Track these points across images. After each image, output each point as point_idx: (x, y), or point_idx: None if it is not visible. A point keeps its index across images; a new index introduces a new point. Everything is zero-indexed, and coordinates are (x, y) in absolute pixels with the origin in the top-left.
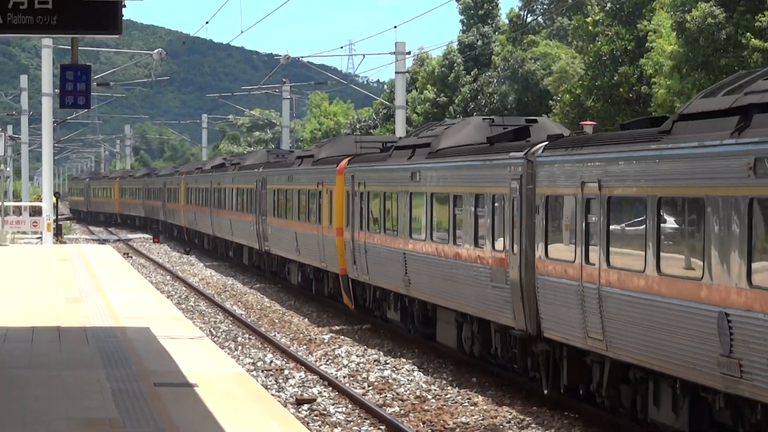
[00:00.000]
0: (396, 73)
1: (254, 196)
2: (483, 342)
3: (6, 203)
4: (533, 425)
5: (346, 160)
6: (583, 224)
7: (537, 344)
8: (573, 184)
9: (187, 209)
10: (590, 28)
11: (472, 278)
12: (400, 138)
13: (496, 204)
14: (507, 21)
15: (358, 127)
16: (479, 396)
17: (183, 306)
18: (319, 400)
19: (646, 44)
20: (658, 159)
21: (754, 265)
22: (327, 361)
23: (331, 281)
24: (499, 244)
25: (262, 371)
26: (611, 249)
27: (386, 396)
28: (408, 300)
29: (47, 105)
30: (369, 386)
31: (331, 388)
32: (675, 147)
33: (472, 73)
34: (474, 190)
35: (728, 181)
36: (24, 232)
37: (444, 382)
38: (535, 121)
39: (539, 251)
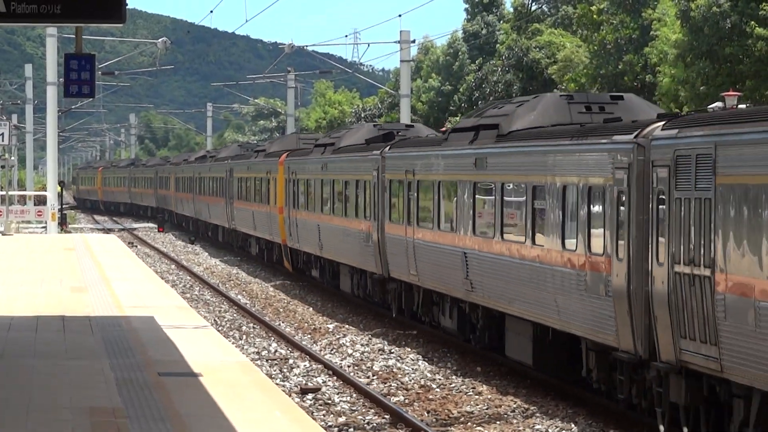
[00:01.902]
0: (401, 61)
1: (224, 184)
2: (364, 287)
3: (11, 192)
4: (538, 414)
5: (286, 154)
6: (407, 198)
7: (389, 283)
8: (402, 172)
9: (176, 196)
10: (595, 16)
11: (355, 241)
12: (323, 137)
13: (366, 187)
14: (511, 9)
15: (363, 115)
16: (484, 385)
17: (188, 295)
18: (323, 389)
19: (651, 33)
20: (437, 157)
21: (476, 222)
22: (332, 350)
23: (277, 250)
24: (368, 215)
25: (267, 360)
26: (419, 215)
27: (391, 385)
28: (323, 260)
29: (52, 94)
30: (374, 375)
31: (335, 378)
32: (445, 149)
33: (476, 61)
34: (355, 177)
35: (467, 171)
36: (28, 222)
37: (449, 371)
38: (412, 126)
39: (386, 219)
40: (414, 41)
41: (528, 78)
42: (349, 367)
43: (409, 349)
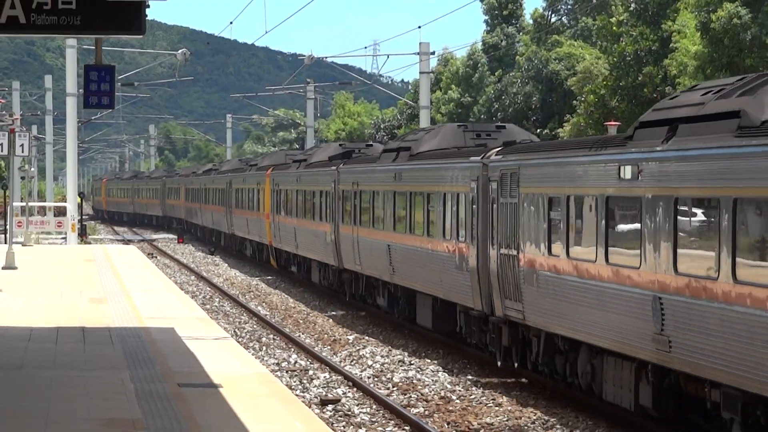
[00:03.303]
0: (420, 73)
1: (225, 194)
2: (328, 278)
3: (30, 203)
4: (558, 426)
5: (272, 168)
6: (353, 204)
7: (343, 273)
8: (350, 184)
9: (186, 205)
10: (614, 28)
11: (320, 239)
12: (300, 153)
13: (327, 196)
14: (531, 21)
15: (382, 127)
16: (504, 396)
17: (207, 306)
18: (343, 400)
19: (671, 44)
20: (372, 171)
21: (396, 221)
22: (351, 361)
23: (265, 250)
24: (328, 219)
25: (287, 372)
26: (361, 217)
27: (411, 396)
28: (299, 257)
29: (72, 105)
30: (393, 387)
31: (355, 389)
32: (377, 166)
33: (496, 73)
34: (319, 188)
35: (389, 183)
36: (48, 233)
37: (468, 382)
38: (371, 145)
39: (340, 221)
40: (433, 53)
41: (547, 90)
42: (368, 378)
43: (429, 361)
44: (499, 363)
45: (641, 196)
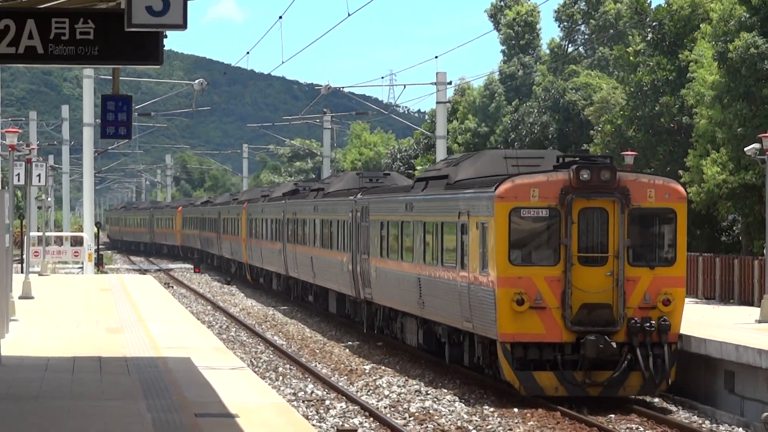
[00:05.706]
0: (437, 103)
1: (216, 222)
2: (281, 284)
3: (47, 233)
4: None
5: (247, 201)
6: (293, 228)
7: (289, 280)
8: (292, 213)
9: (183, 232)
10: (631, 58)
11: (276, 255)
12: (264, 190)
13: (279, 223)
14: (548, 51)
15: (398, 157)
16: (521, 426)
17: (224, 336)
18: (360, 430)
19: (688, 74)
20: (301, 204)
21: (316, 239)
22: (368, 391)
23: (243, 267)
24: (279, 239)
25: (303, 401)
26: (296, 237)
27: (427, 426)
28: (265, 271)
29: (88, 135)
30: (410, 417)
31: (372, 419)
32: (303, 200)
33: (513, 103)
34: (275, 216)
35: (312, 213)
36: (65, 262)
37: (485, 412)
38: (322, 179)
39: (287, 241)
40: (450, 83)
41: (564, 119)
42: (385, 408)
43: (446, 390)
44: (365, 330)
45: (412, 221)
